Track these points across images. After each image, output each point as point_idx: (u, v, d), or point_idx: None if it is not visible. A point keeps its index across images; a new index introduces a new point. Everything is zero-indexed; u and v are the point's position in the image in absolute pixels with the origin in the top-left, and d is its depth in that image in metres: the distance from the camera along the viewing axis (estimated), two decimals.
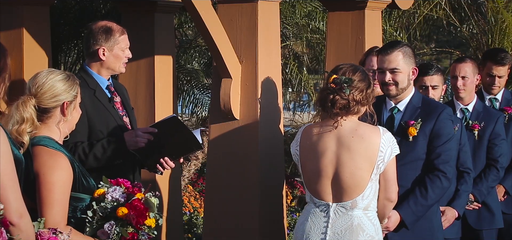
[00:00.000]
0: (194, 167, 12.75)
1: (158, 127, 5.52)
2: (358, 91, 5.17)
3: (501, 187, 7.05)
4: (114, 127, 5.59)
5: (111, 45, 5.61)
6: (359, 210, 5.19)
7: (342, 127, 5.18)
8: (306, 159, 5.30)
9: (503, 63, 7.24)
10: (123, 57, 5.66)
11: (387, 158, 5.17)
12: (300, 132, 5.38)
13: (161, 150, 5.61)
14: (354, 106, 5.17)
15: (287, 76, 12.99)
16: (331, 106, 5.17)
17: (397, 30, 12.88)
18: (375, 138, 5.17)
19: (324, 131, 5.22)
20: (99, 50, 5.60)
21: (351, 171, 5.15)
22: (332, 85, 5.17)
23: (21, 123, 4.28)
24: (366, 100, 5.22)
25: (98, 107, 5.58)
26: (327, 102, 5.18)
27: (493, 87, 7.26)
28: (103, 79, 5.66)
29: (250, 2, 6.35)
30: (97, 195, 4.35)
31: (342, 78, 5.16)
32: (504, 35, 12.05)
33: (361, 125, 5.22)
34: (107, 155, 5.42)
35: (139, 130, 5.53)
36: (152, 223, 4.33)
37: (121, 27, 5.71)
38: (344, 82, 5.15)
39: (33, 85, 4.37)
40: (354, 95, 5.16)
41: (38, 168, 4.25)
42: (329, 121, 5.22)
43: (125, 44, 5.67)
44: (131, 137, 5.47)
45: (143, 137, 5.46)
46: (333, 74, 5.21)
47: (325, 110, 5.22)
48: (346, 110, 5.17)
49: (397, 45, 5.70)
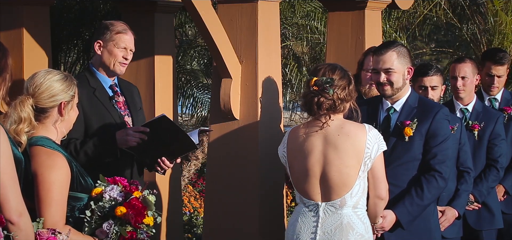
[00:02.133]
0: (194, 167, 12.75)
1: (149, 126, 5.51)
2: (340, 89, 5.19)
3: (501, 187, 7.06)
4: (111, 125, 5.60)
5: (106, 40, 5.63)
6: (348, 208, 5.19)
7: (327, 126, 5.19)
8: (294, 160, 5.32)
9: (502, 63, 7.24)
10: (118, 55, 5.64)
11: (374, 154, 5.18)
12: (286, 134, 5.41)
13: (157, 150, 5.61)
14: (340, 105, 5.20)
15: (287, 76, 13.00)
16: (317, 109, 5.18)
17: (397, 30, 12.88)
18: (361, 135, 5.18)
19: (311, 131, 5.24)
20: (95, 44, 5.66)
21: (338, 169, 5.15)
22: (314, 87, 5.19)
23: (19, 123, 4.29)
24: (349, 96, 5.24)
25: (96, 106, 5.59)
26: (313, 106, 5.19)
27: (493, 88, 7.26)
28: (106, 78, 5.68)
29: (250, 2, 6.36)
30: (95, 194, 4.36)
31: (323, 79, 5.18)
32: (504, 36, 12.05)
33: (347, 123, 5.24)
34: (98, 152, 5.43)
35: (130, 129, 5.53)
36: (151, 221, 4.34)
37: (125, 28, 5.70)
38: (326, 82, 5.17)
39: (31, 85, 4.38)
40: (338, 94, 5.18)
41: (36, 168, 4.26)
42: (316, 121, 5.23)
43: (123, 43, 5.66)
44: (122, 136, 5.47)
45: (134, 136, 5.46)
46: (313, 77, 5.22)
47: (312, 113, 5.24)
48: (333, 110, 5.19)
49: (392, 45, 5.70)
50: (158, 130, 5.49)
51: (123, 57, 5.67)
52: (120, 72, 5.72)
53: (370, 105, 5.79)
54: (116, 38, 5.64)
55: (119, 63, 5.66)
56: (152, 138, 5.48)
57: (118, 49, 5.64)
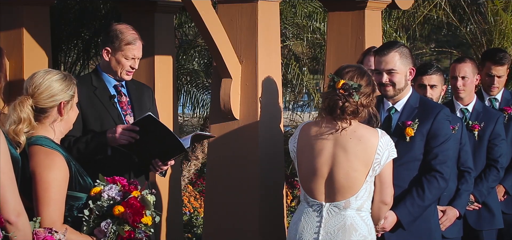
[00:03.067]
0: (194, 167, 12.75)
1: (138, 125, 5.52)
2: (365, 96, 5.17)
3: (501, 187, 7.05)
4: (108, 124, 5.61)
5: (115, 50, 5.64)
6: (352, 210, 5.19)
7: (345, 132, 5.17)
8: (303, 157, 5.30)
9: (502, 63, 7.24)
10: (126, 65, 5.67)
11: (384, 160, 5.17)
12: (299, 129, 5.37)
13: (150, 150, 5.62)
14: (362, 111, 5.18)
15: (287, 76, 12.99)
16: (341, 113, 5.14)
17: (397, 30, 12.88)
18: (373, 140, 5.17)
19: (324, 131, 5.21)
20: (104, 50, 5.67)
21: (346, 171, 5.15)
22: (341, 91, 5.15)
23: (18, 123, 4.29)
24: (371, 103, 5.22)
25: (94, 105, 5.62)
26: (336, 108, 5.14)
27: (493, 88, 7.26)
28: (111, 79, 5.71)
29: (250, 2, 6.36)
30: (94, 193, 4.36)
31: (351, 84, 5.13)
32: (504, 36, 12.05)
33: (360, 127, 5.22)
34: (89, 149, 5.49)
35: (120, 127, 5.54)
36: (149, 221, 4.33)
37: (135, 37, 5.69)
38: (353, 88, 5.13)
39: (30, 85, 4.38)
40: (362, 101, 5.16)
41: (34, 167, 4.26)
42: (332, 123, 5.20)
43: (132, 54, 5.67)
44: (112, 133, 5.50)
45: (124, 134, 5.48)
46: (340, 79, 5.17)
47: (334, 115, 5.17)
48: (354, 115, 5.17)
49: (394, 45, 5.69)
50: (148, 130, 5.50)
51: (131, 67, 5.70)
52: (127, 79, 5.75)
53: None
54: (125, 49, 5.65)
55: (126, 71, 5.70)
56: (144, 137, 5.49)
57: (126, 60, 5.66)
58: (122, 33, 5.66)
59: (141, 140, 5.49)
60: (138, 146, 5.51)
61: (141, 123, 5.49)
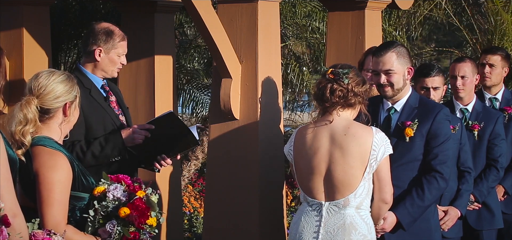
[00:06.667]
0: (194, 167, 12.76)
1: (155, 123, 5.53)
2: (355, 82, 5.22)
3: (500, 187, 7.06)
4: (111, 125, 5.61)
5: (109, 48, 5.63)
6: (351, 208, 5.20)
7: (335, 125, 5.20)
8: (300, 157, 5.32)
9: (493, 52, 7.32)
10: (117, 62, 5.69)
11: (380, 156, 5.18)
12: (294, 133, 5.42)
13: (157, 147, 5.63)
14: (352, 98, 5.20)
15: (288, 76, 12.99)
16: (330, 95, 5.19)
17: (397, 30, 12.88)
18: (367, 136, 5.19)
19: (318, 128, 5.24)
20: (95, 50, 5.63)
21: (343, 169, 5.16)
22: (330, 75, 5.23)
23: (25, 124, 4.29)
24: (362, 96, 5.25)
25: (94, 107, 5.60)
26: (325, 92, 5.21)
27: (485, 78, 7.27)
28: (98, 79, 5.69)
29: (250, 2, 6.36)
30: (98, 192, 4.34)
31: (339, 70, 5.23)
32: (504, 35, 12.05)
33: (354, 124, 5.24)
34: (105, 152, 5.46)
35: (137, 127, 5.55)
36: (154, 222, 4.33)
37: (122, 33, 5.73)
38: (343, 73, 5.21)
39: (35, 86, 4.37)
40: (352, 86, 5.19)
41: (37, 168, 4.26)
42: (324, 118, 5.24)
43: (123, 50, 5.70)
44: (129, 134, 5.49)
45: (141, 133, 5.49)
46: (330, 68, 5.28)
47: (323, 102, 5.24)
48: (344, 101, 5.19)
49: (391, 46, 5.69)
50: (162, 127, 5.51)
51: (121, 63, 5.73)
52: (115, 76, 5.80)
53: (370, 105, 5.77)
54: (119, 46, 5.66)
55: (117, 68, 5.72)
56: (156, 135, 5.50)
57: (119, 57, 5.68)
58: (113, 32, 5.67)
59: (152, 138, 5.50)
60: (147, 144, 5.52)
61: (159, 121, 5.51)
